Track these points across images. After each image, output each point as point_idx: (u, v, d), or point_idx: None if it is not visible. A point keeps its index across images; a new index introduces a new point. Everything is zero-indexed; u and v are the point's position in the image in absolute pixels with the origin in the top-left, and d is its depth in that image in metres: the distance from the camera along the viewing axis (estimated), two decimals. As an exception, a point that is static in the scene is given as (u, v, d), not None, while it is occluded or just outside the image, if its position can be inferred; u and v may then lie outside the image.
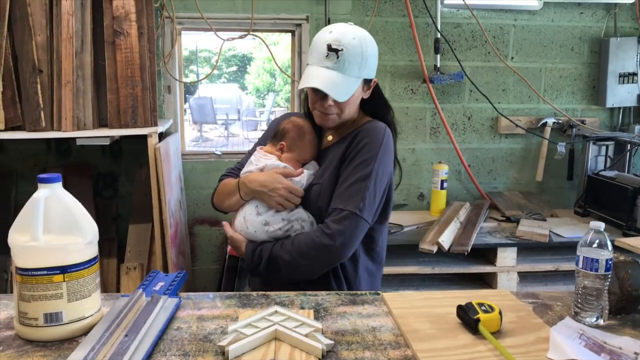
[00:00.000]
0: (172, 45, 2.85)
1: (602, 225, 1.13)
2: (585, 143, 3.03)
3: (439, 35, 2.96)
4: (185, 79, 4.69)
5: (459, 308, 1.11)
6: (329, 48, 1.38)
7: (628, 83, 3.11)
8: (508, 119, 3.10)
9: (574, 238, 2.54)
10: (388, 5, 2.97)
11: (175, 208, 2.66)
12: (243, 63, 13.77)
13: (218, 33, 2.89)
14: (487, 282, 2.68)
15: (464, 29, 3.05)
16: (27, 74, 2.32)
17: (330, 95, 1.38)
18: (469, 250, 2.45)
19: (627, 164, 3.05)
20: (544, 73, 3.16)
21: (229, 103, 10.72)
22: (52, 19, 2.33)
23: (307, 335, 1.01)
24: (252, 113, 10.77)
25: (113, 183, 2.94)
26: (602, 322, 1.13)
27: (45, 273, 1.01)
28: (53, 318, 1.02)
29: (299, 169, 1.48)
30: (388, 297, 1.24)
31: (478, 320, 1.05)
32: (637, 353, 1.00)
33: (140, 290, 1.17)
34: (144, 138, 2.38)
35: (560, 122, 3.14)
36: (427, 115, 3.12)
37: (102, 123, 2.45)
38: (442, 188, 2.93)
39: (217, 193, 1.61)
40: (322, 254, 1.38)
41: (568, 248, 2.61)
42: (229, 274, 2.66)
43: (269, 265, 1.41)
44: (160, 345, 1.01)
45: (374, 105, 1.54)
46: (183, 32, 2.99)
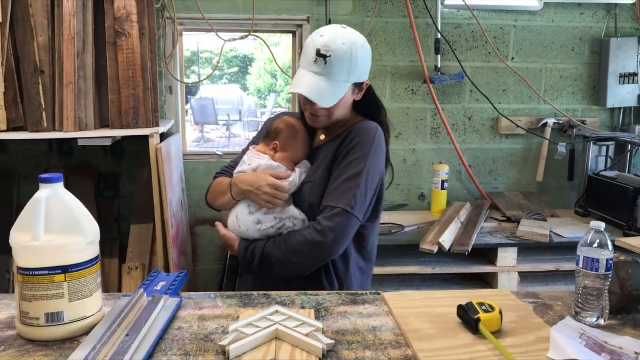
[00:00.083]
0: (173, 46, 2.85)
1: (602, 226, 1.13)
2: (586, 143, 3.03)
3: (440, 36, 2.97)
4: (187, 80, 4.69)
5: (460, 308, 1.11)
6: (318, 53, 1.39)
7: (628, 83, 3.11)
8: (509, 120, 3.10)
9: (575, 238, 2.55)
10: (389, 6, 2.97)
11: (177, 208, 2.67)
12: (244, 64, 13.76)
13: (219, 34, 2.89)
14: (487, 282, 2.68)
15: (465, 30, 3.05)
16: (29, 75, 2.33)
17: (316, 102, 1.39)
18: (470, 251, 2.46)
19: (627, 165, 3.05)
20: (545, 73, 3.16)
21: (231, 104, 10.72)
22: (54, 20, 2.34)
23: (307, 335, 1.02)
24: (253, 114, 10.77)
25: (115, 183, 2.95)
26: (602, 322, 1.13)
27: (47, 273, 1.01)
28: (54, 318, 1.02)
29: (287, 172, 1.49)
30: (389, 297, 1.25)
31: (479, 320, 1.05)
32: (637, 353, 1.00)
33: (142, 290, 1.18)
34: (146, 139, 2.38)
35: (561, 122, 3.14)
36: (427, 116, 3.12)
37: (103, 124, 2.45)
38: (442, 188, 2.93)
39: (210, 191, 1.63)
40: (313, 251, 1.39)
41: (569, 248, 2.61)
42: (230, 274, 2.66)
43: (262, 263, 1.42)
44: (162, 345, 1.02)
45: (367, 106, 1.54)
46: (184, 32, 2.99)
